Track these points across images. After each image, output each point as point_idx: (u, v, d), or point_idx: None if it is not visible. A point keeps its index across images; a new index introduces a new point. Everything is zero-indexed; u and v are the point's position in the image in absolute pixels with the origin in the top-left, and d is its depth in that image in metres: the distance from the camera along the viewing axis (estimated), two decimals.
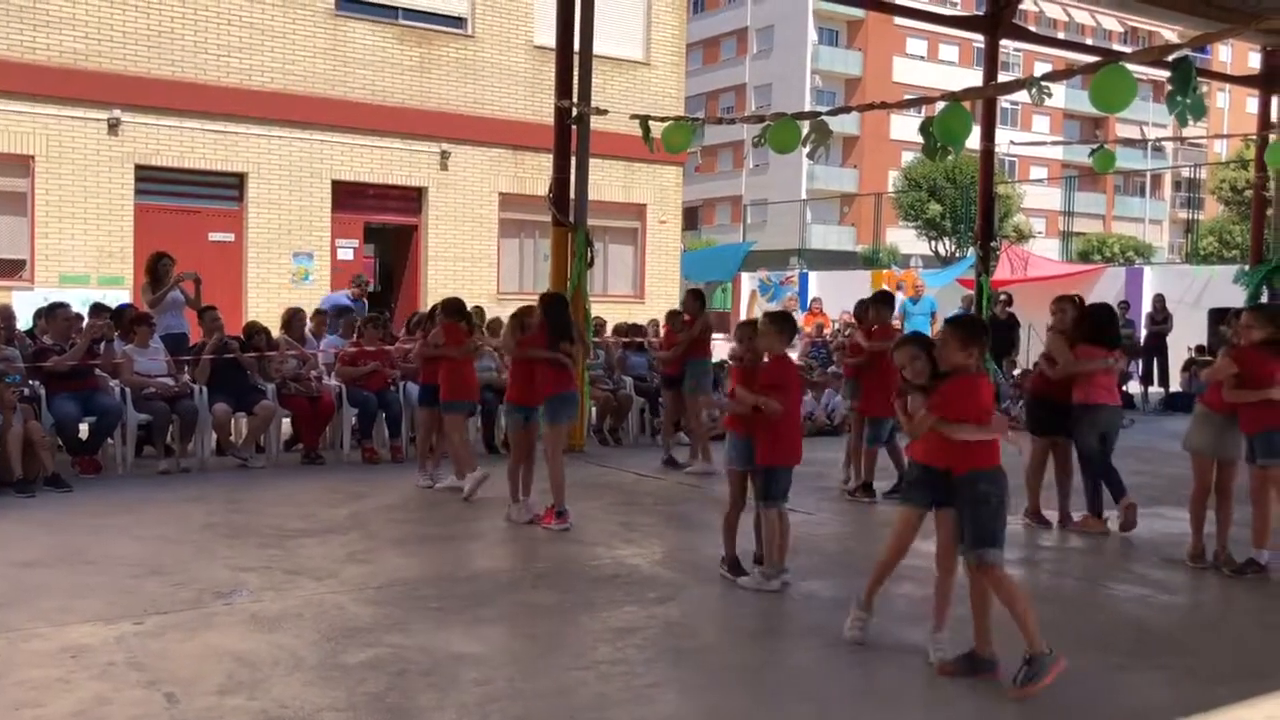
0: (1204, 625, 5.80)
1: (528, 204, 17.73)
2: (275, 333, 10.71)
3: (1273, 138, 14.86)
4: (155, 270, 10.99)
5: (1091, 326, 7.65)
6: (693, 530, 7.65)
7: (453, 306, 8.84)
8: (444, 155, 17.94)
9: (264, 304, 15.75)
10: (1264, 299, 17.13)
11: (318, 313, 11.96)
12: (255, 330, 10.42)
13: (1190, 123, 6.66)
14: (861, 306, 9.68)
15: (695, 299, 10.72)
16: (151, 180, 15.87)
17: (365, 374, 10.38)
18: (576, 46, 11.20)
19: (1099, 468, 7.72)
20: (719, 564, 6.24)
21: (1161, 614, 5.91)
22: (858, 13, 54.37)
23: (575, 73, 11.18)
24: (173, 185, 16.10)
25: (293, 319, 11.01)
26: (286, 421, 10.39)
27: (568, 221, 11.08)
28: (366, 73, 17.26)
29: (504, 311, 14.43)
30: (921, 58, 58.52)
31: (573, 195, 11.15)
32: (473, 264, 18.38)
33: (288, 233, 16.79)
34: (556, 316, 7.66)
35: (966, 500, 4.54)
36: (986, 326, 5.10)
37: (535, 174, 17.58)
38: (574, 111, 11.03)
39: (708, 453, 9.95)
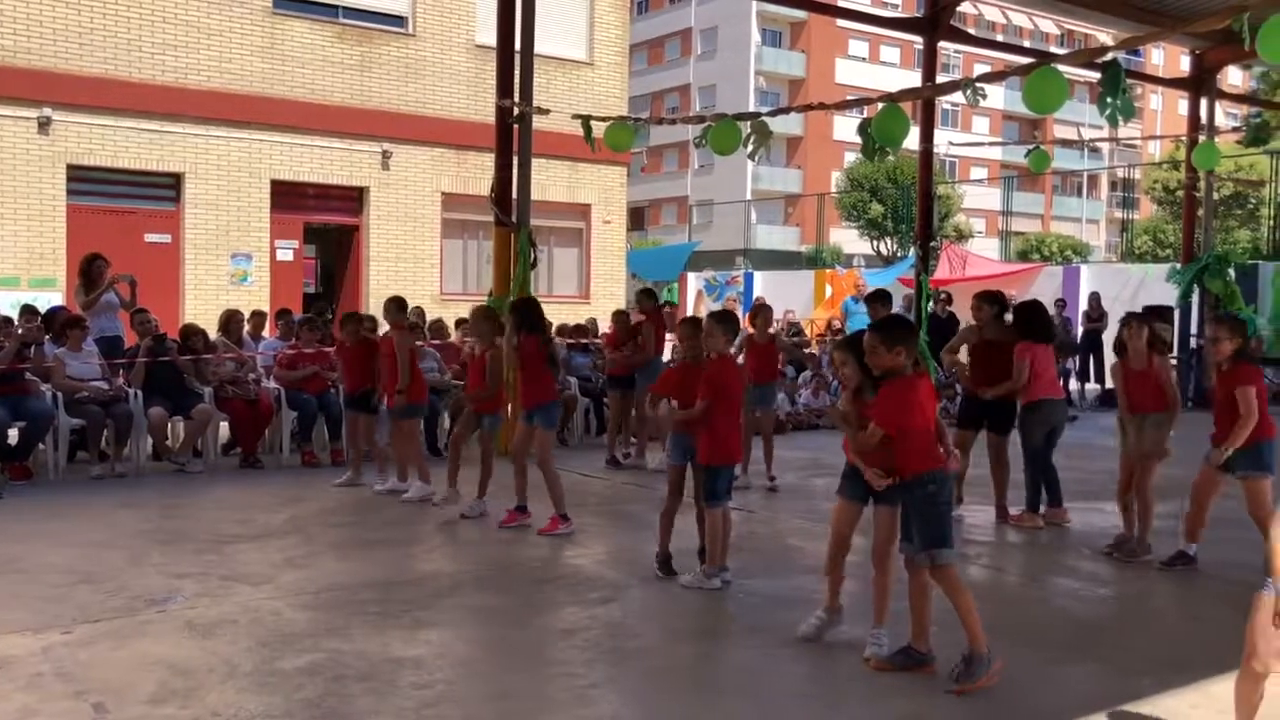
0: (1134, 618, 5.91)
1: (471, 204, 17.61)
2: (213, 335, 10.57)
3: (1202, 139, 15.20)
4: (89, 272, 10.79)
5: (1024, 324, 7.80)
6: (636, 530, 7.64)
7: (401, 305, 8.81)
8: (385, 155, 17.78)
9: (202, 306, 15.50)
10: (1195, 297, 17.52)
11: None
12: (192, 333, 10.26)
13: (1120, 123, 6.79)
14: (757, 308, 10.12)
15: (649, 297, 10.78)
16: (84, 180, 15.56)
17: (304, 377, 10.25)
18: (518, 46, 11.17)
19: (1042, 465, 7.88)
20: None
21: (1094, 607, 6.02)
22: (800, 14, 54.76)
23: (517, 72, 11.14)
24: (106, 185, 15.80)
25: (230, 321, 10.86)
26: (224, 425, 10.25)
27: (510, 222, 11.03)
28: (305, 71, 17.06)
29: (446, 313, 14.42)
30: (863, 59, 59.07)
31: (515, 195, 11.11)
32: (415, 265, 18.23)
33: (226, 234, 16.54)
34: (542, 325, 7.62)
35: (916, 502, 4.57)
36: (910, 323, 5.16)
37: (478, 174, 17.47)
38: (515, 111, 10.99)
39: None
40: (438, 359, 11.13)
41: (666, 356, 11.14)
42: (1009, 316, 8.01)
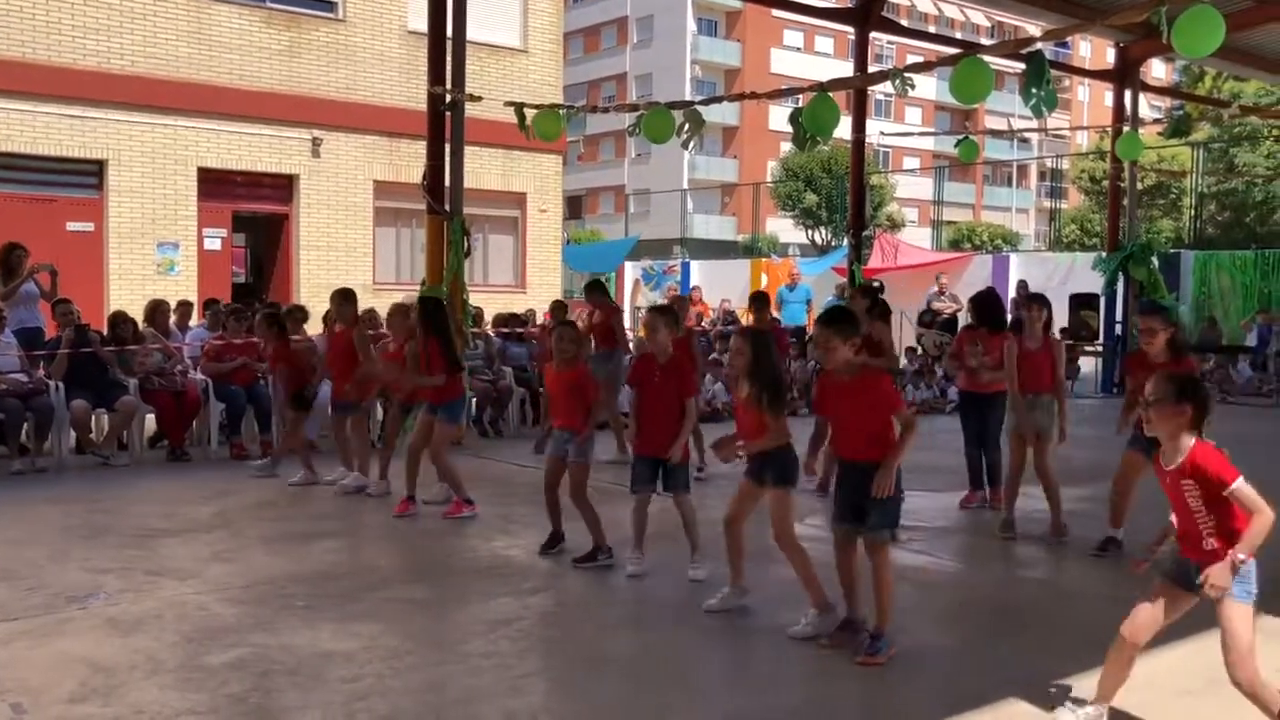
0: (1058, 600, 6.02)
1: (404, 192, 17.41)
2: (140, 325, 10.35)
3: (1126, 130, 15.51)
4: (7, 262, 10.48)
5: (985, 316, 7.95)
6: (571, 520, 7.58)
7: (348, 297, 8.71)
8: (315, 142, 17.51)
9: (127, 296, 15.14)
10: (1120, 285, 17.89)
11: None
12: (121, 320, 10.02)
13: (1045, 113, 6.90)
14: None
15: (602, 292, 10.70)
16: (2, 167, 15.11)
17: (232, 368, 10.07)
18: (450, 32, 11.05)
19: (979, 451, 8.11)
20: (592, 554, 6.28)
21: (1019, 590, 6.14)
22: (735, 4, 55.02)
23: (449, 59, 11.03)
24: (26, 173, 15.36)
25: (155, 311, 10.64)
26: (151, 418, 10.04)
27: (443, 210, 10.93)
28: (233, 56, 16.73)
29: (379, 303, 14.24)
30: (798, 49, 59.44)
31: (449, 183, 11.00)
32: (347, 254, 18.00)
33: (151, 222, 16.19)
34: (447, 336, 7.61)
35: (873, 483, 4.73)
36: (852, 314, 5.28)
37: (411, 161, 17.24)
38: (448, 98, 10.89)
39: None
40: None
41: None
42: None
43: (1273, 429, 13.33)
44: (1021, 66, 7.44)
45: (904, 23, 40.07)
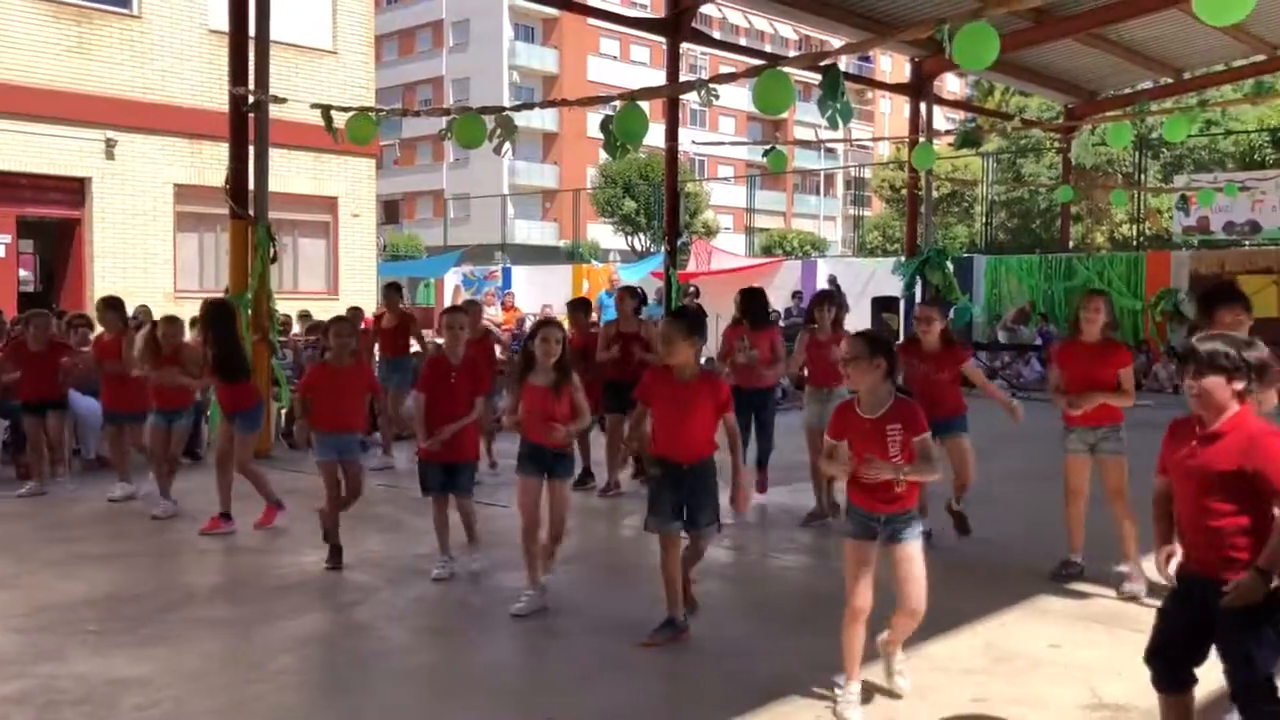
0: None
1: (208, 196, 16.65)
2: None
3: (921, 140, 16.33)
4: None
5: (749, 312, 8.22)
6: (385, 532, 7.48)
7: (110, 304, 8.41)
8: (109, 144, 16.60)
9: None
10: (919, 288, 18.81)
11: None
12: None
13: (840, 125, 7.17)
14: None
15: (396, 292, 10.59)
16: None
17: (15, 381, 9.41)
18: (253, 31, 10.69)
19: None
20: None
21: (825, 579, 6.36)
22: (553, 11, 55.00)
23: (251, 58, 10.67)
24: None
25: None
26: None
27: (246, 214, 10.57)
28: (16, 52, 15.69)
29: (181, 311, 13.62)
30: (615, 57, 59.99)
31: (252, 186, 10.64)
32: (145, 261, 17.13)
33: None
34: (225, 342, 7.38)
35: (700, 483, 4.94)
36: (695, 314, 5.56)
37: (215, 165, 16.56)
38: (250, 99, 10.53)
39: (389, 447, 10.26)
40: None
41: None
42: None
43: (1050, 423, 14.23)
44: None
45: (716, 34, 41.03)
